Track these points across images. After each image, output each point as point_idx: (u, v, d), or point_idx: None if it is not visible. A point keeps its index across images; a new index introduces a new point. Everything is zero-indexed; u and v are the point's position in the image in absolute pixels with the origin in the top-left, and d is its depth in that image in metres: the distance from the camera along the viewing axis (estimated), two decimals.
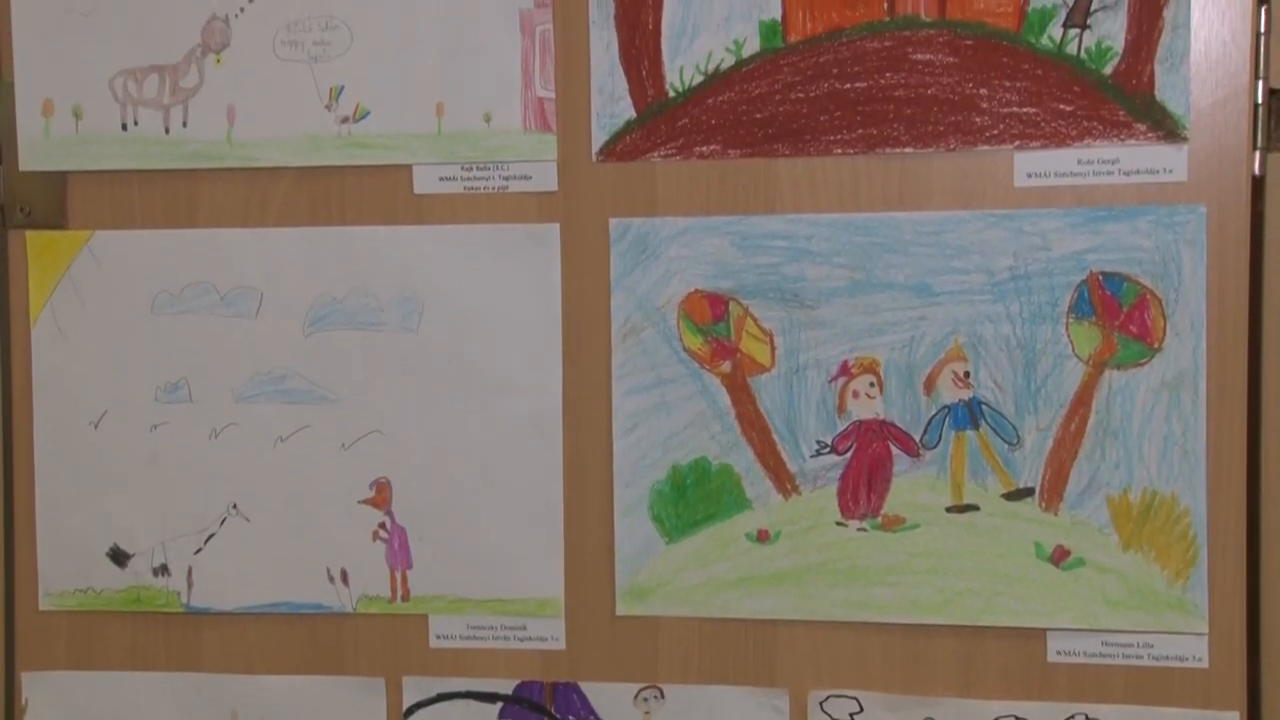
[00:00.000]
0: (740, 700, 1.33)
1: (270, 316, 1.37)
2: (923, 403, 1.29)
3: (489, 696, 1.37)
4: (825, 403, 1.30)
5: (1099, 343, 1.26)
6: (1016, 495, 1.28)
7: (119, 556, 1.41)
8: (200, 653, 1.41)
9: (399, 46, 1.33)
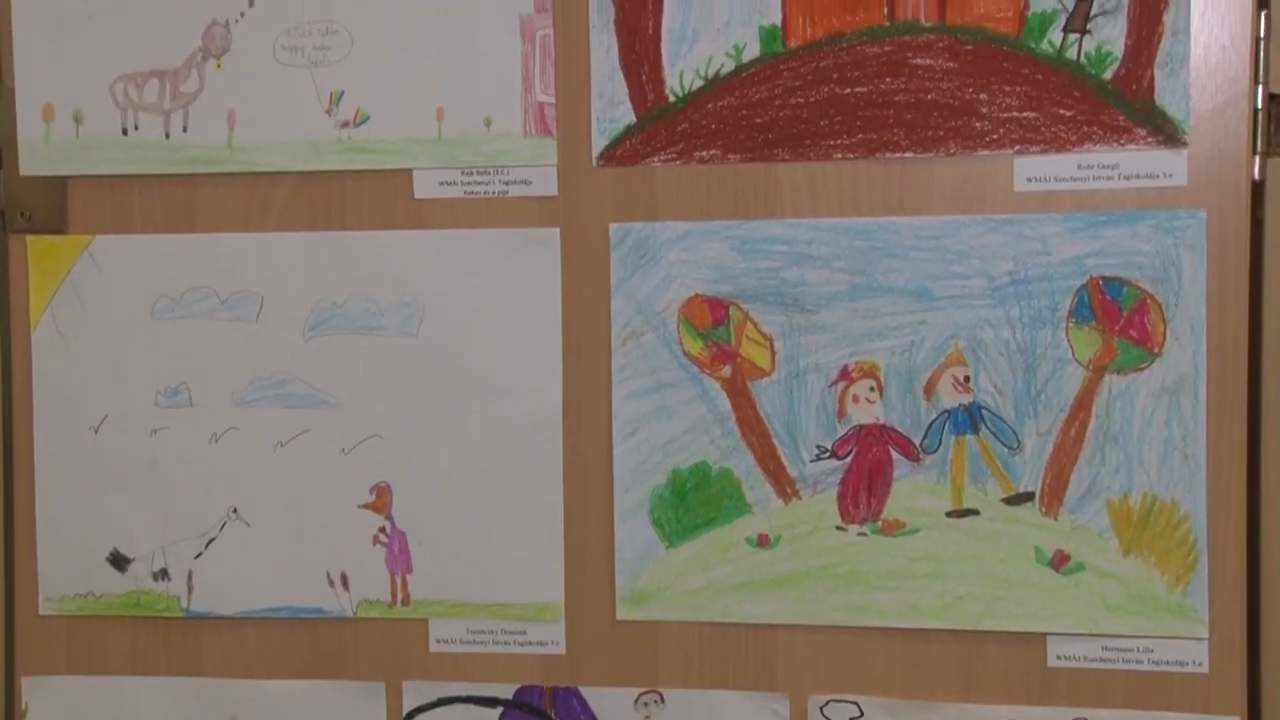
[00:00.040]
0: (740, 705, 1.33)
1: (270, 321, 1.37)
2: (923, 407, 1.29)
3: (489, 701, 1.37)
4: (825, 407, 1.30)
5: (1099, 347, 1.26)
6: (1017, 500, 1.28)
7: (119, 561, 1.41)
8: (200, 657, 1.41)
9: (399, 51, 1.33)
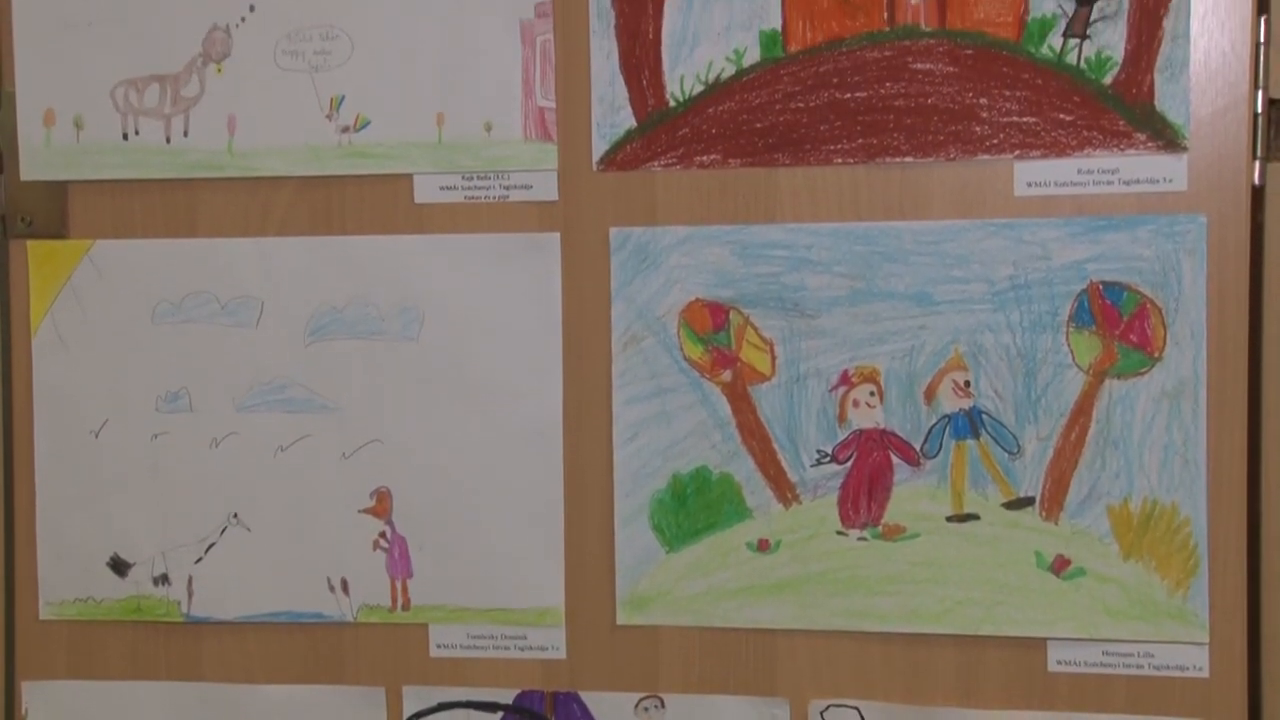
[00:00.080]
0: (740, 710, 1.33)
1: (271, 326, 1.37)
2: (923, 412, 1.29)
3: (489, 706, 1.37)
4: (826, 412, 1.30)
5: (1099, 352, 1.26)
6: (1017, 504, 1.28)
7: (119, 565, 1.41)
8: (200, 662, 1.41)
9: (400, 56, 1.33)
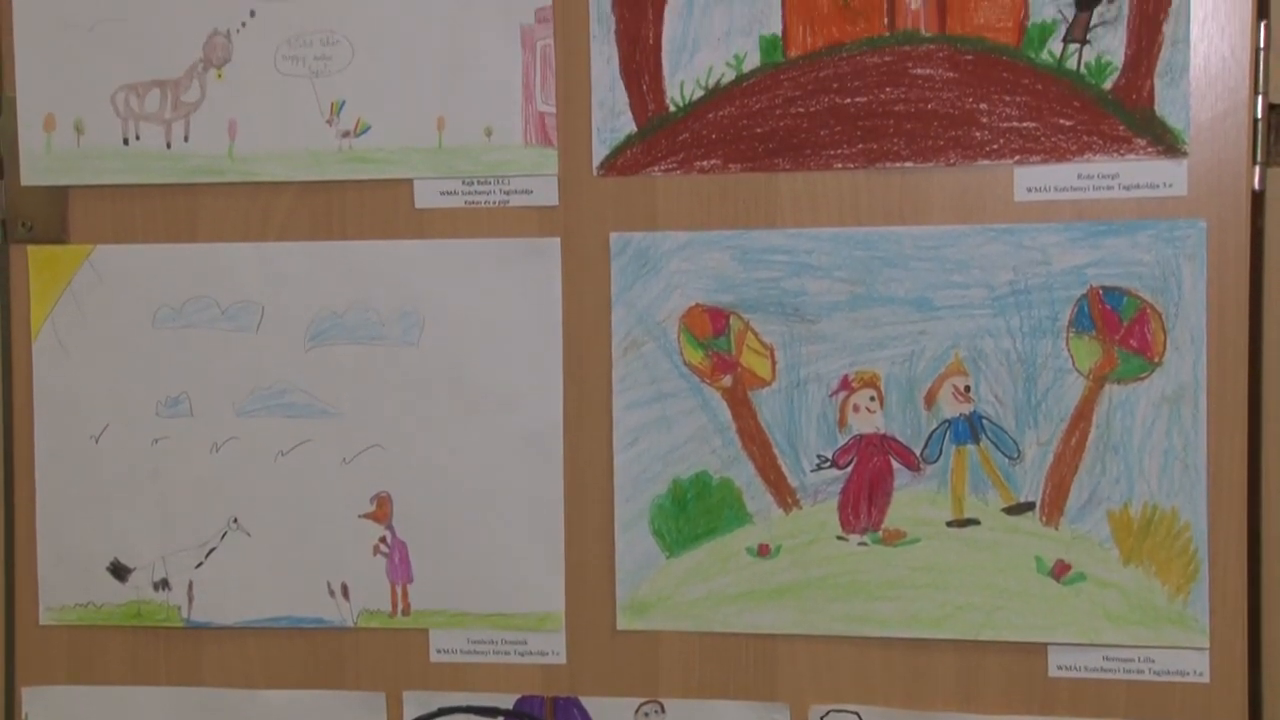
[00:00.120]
0: (741, 715, 1.33)
1: (271, 331, 1.37)
2: (923, 417, 1.29)
3: (489, 711, 1.37)
4: (826, 417, 1.30)
5: (1099, 357, 1.26)
6: (1017, 509, 1.28)
7: (119, 570, 1.41)
8: (200, 667, 1.41)
9: (400, 61, 1.33)
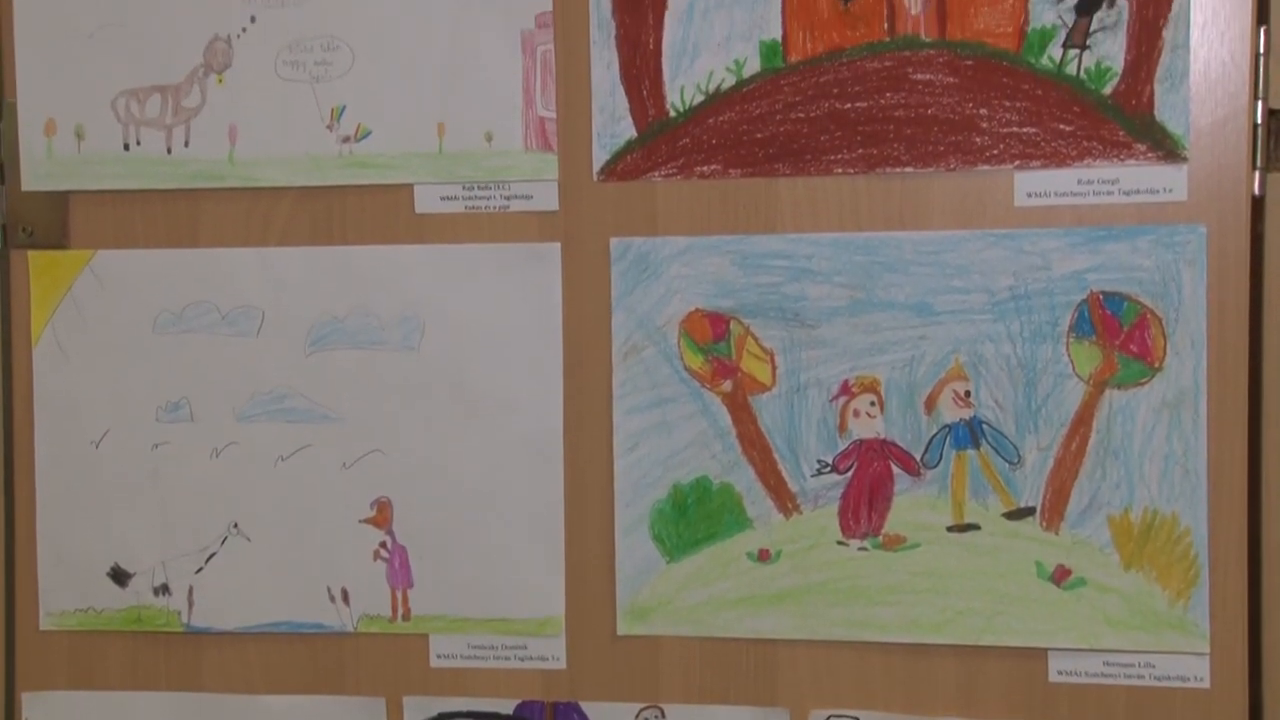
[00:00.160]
0: None
1: (271, 336, 1.37)
2: (923, 422, 1.29)
3: (490, 716, 1.37)
4: (826, 422, 1.30)
5: (1099, 362, 1.26)
6: (1017, 515, 1.28)
7: (120, 576, 1.41)
8: (201, 672, 1.41)
9: (400, 66, 1.34)
